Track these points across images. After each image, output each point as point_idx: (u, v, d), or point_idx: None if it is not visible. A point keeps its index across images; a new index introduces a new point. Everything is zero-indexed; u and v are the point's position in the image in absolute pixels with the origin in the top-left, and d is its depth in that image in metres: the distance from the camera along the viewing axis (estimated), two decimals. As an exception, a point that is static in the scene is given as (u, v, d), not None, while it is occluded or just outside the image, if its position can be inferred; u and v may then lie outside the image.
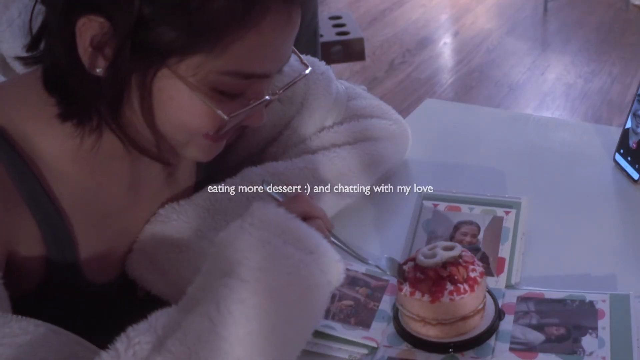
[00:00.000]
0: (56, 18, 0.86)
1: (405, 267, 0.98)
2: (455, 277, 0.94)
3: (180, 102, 0.87)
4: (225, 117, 0.88)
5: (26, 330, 0.78)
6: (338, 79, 1.31)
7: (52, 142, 0.92)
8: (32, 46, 0.92)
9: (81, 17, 0.82)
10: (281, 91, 0.96)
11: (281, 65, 0.92)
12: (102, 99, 0.88)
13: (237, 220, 0.85)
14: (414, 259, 0.99)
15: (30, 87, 0.91)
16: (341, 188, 1.19)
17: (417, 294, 0.95)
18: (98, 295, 1.01)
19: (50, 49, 0.89)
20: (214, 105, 0.87)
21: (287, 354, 0.83)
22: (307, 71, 1.01)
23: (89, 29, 0.83)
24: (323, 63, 1.27)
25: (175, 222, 1.04)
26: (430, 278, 0.95)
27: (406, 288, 0.96)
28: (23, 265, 0.92)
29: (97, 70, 0.85)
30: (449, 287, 0.94)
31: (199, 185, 1.12)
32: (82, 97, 0.88)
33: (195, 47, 0.83)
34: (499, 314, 0.99)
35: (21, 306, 0.92)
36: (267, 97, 0.92)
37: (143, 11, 0.80)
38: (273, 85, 0.96)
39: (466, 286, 0.94)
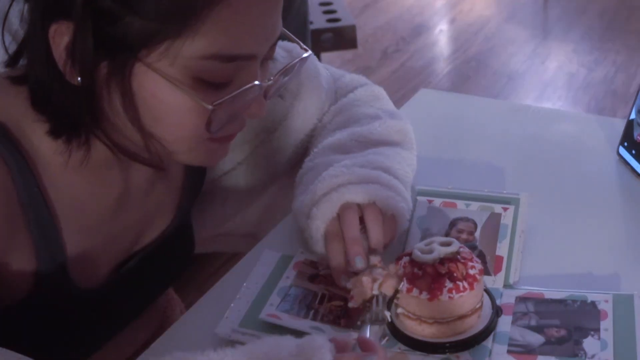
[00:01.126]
0: (31, 29, 0.86)
1: (401, 262, 0.97)
2: (455, 274, 0.93)
3: (163, 98, 0.84)
4: (209, 106, 0.83)
5: None
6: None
7: (48, 146, 0.90)
8: (10, 62, 0.92)
9: (52, 24, 0.81)
10: (277, 76, 0.92)
11: (266, 45, 0.87)
12: (85, 108, 0.86)
13: None
14: (409, 254, 0.97)
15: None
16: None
17: (415, 291, 0.94)
18: (86, 301, 1.00)
19: (31, 65, 0.88)
20: (198, 96, 0.83)
21: None
22: (306, 54, 0.97)
23: (60, 34, 0.82)
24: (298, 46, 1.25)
25: None
26: (429, 274, 0.94)
27: (403, 284, 0.95)
28: (11, 275, 0.91)
29: (78, 79, 0.83)
30: (448, 284, 0.93)
31: (187, 187, 1.11)
32: (67, 111, 0.87)
33: (164, 34, 0.80)
34: (497, 311, 0.97)
35: (6, 315, 0.91)
36: (257, 82, 0.87)
37: (103, 4, 0.79)
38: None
39: (465, 284, 0.93)
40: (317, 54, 1.26)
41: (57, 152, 0.90)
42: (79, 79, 0.83)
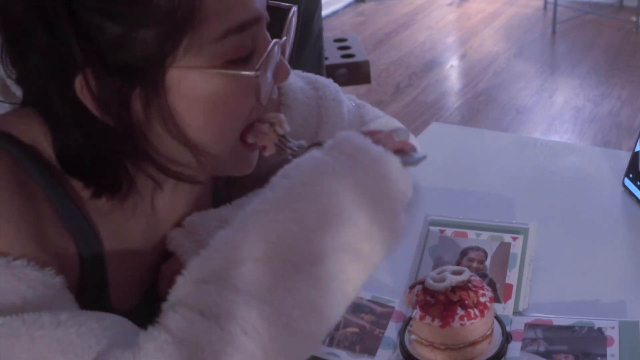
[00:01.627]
0: (51, 93, 0.84)
1: (414, 290, 0.98)
2: (466, 302, 0.94)
3: (208, 91, 0.84)
4: (252, 73, 0.84)
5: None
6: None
7: None
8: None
9: (75, 80, 0.80)
10: (284, 31, 0.92)
11: (264, 2, 0.88)
12: (129, 151, 0.86)
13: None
14: (422, 282, 0.98)
15: None
16: None
17: (428, 319, 0.95)
18: None
19: (55, 127, 0.87)
20: (239, 71, 0.84)
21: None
22: (295, 7, 0.96)
23: (89, 85, 0.81)
24: (331, 82, 1.25)
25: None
26: (441, 302, 0.95)
27: (416, 312, 0.96)
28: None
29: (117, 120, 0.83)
30: (460, 312, 0.94)
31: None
32: (106, 167, 0.87)
33: (179, 32, 0.80)
34: (507, 338, 0.98)
35: None
36: (277, 40, 0.88)
37: (114, 32, 0.79)
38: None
39: (476, 311, 0.94)
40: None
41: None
42: (118, 118, 0.82)
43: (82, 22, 0.79)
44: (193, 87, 0.83)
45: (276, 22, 0.95)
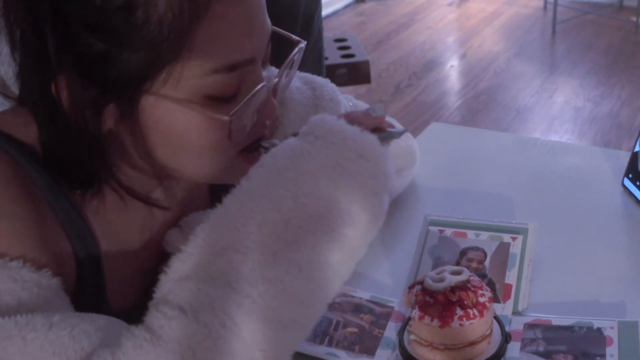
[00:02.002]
0: (30, 88, 0.85)
1: (413, 291, 0.98)
2: (465, 302, 0.94)
3: (179, 124, 0.84)
4: (226, 117, 0.83)
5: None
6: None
7: None
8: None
9: (52, 82, 0.80)
10: (281, 72, 0.92)
11: (261, 45, 0.87)
12: (98, 159, 0.86)
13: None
14: (421, 282, 0.98)
15: None
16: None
17: (427, 319, 0.95)
18: None
19: (39, 125, 0.87)
20: (212, 112, 0.83)
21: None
22: (303, 44, 0.95)
23: (62, 89, 0.81)
24: (329, 82, 1.26)
25: None
26: (440, 302, 0.95)
27: (415, 312, 0.96)
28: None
29: (89, 128, 0.83)
30: (459, 312, 0.94)
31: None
32: (80, 168, 0.87)
33: (162, 61, 0.79)
34: (506, 338, 0.98)
35: None
36: (263, 84, 0.87)
37: (95, 49, 0.79)
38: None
39: (475, 311, 0.94)
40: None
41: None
42: (87, 126, 0.82)
43: (69, 30, 0.79)
44: (167, 115, 0.83)
45: (283, 48, 0.94)
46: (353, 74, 3.08)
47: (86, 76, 0.80)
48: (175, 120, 0.83)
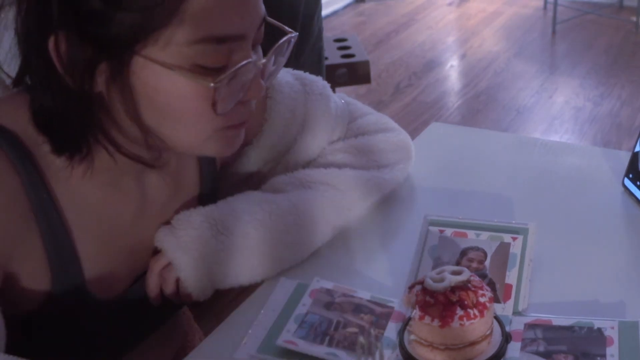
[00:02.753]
0: (28, 46, 0.87)
1: (413, 290, 0.98)
2: (465, 302, 0.94)
3: (166, 88, 0.86)
4: (210, 84, 0.86)
5: None
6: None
7: (57, 158, 0.92)
8: (16, 82, 0.93)
9: (50, 37, 0.83)
10: (270, 54, 0.94)
11: (253, 24, 0.90)
12: (88, 116, 0.89)
13: None
14: (421, 282, 0.98)
15: None
16: (344, 203, 1.21)
17: (427, 319, 0.94)
18: (104, 313, 1.02)
19: (33, 81, 0.91)
20: (198, 79, 0.86)
21: None
22: (294, 34, 0.98)
23: (58, 45, 0.84)
24: (320, 79, 1.27)
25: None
26: (440, 302, 0.94)
27: (415, 312, 0.96)
28: (26, 281, 0.92)
29: (81, 85, 0.86)
30: (459, 312, 0.94)
31: (203, 198, 1.13)
32: (69, 127, 0.89)
33: (154, 24, 0.83)
34: (506, 338, 0.98)
35: (24, 325, 0.92)
36: (251, 60, 0.90)
37: (92, 6, 0.82)
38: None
39: (476, 311, 0.94)
40: (332, 88, 1.29)
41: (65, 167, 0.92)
42: (81, 85, 0.85)
43: None
44: (154, 78, 0.86)
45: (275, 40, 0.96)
46: (353, 74, 3.08)
47: (84, 33, 0.83)
48: (162, 84, 0.86)
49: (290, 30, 0.97)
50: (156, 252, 1.06)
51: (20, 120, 0.90)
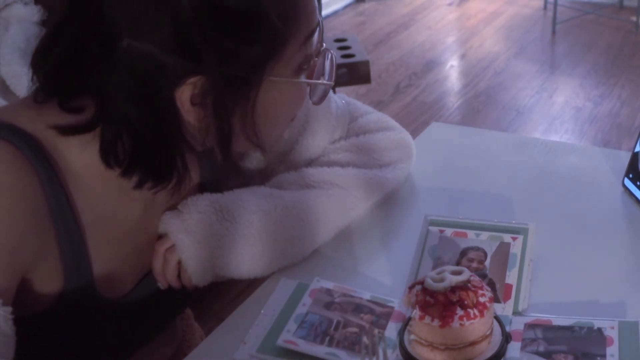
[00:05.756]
0: (152, 95, 0.88)
1: (414, 290, 0.98)
2: (465, 302, 0.94)
3: (286, 99, 0.94)
4: (331, 82, 0.96)
5: None
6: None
7: (82, 159, 0.93)
8: (89, 127, 0.92)
9: (177, 88, 0.86)
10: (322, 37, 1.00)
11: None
12: (209, 140, 0.93)
13: None
14: (421, 282, 0.98)
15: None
16: (346, 202, 1.22)
17: (427, 319, 0.95)
18: (111, 312, 1.02)
19: (112, 128, 0.90)
20: (304, 79, 0.94)
21: None
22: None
23: (185, 92, 0.86)
24: None
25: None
26: (441, 302, 0.95)
27: (415, 312, 0.96)
28: (39, 283, 0.93)
29: (192, 120, 0.89)
30: (459, 312, 0.94)
31: (202, 187, 1.14)
32: (163, 161, 0.92)
33: (282, 43, 0.88)
34: (506, 338, 0.98)
35: (32, 324, 0.92)
36: (325, 46, 0.97)
37: (226, 45, 0.84)
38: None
39: (476, 311, 0.94)
40: (332, 88, 1.29)
41: (92, 166, 0.92)
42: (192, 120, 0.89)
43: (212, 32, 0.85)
44: (278, 92, 0.92)
45: None
46: (353, 74, 3.08)
47: (214, 76, 0.86)
48: (285, 97, 0.93)
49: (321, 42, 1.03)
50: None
51: (40, 126, 0.91)
